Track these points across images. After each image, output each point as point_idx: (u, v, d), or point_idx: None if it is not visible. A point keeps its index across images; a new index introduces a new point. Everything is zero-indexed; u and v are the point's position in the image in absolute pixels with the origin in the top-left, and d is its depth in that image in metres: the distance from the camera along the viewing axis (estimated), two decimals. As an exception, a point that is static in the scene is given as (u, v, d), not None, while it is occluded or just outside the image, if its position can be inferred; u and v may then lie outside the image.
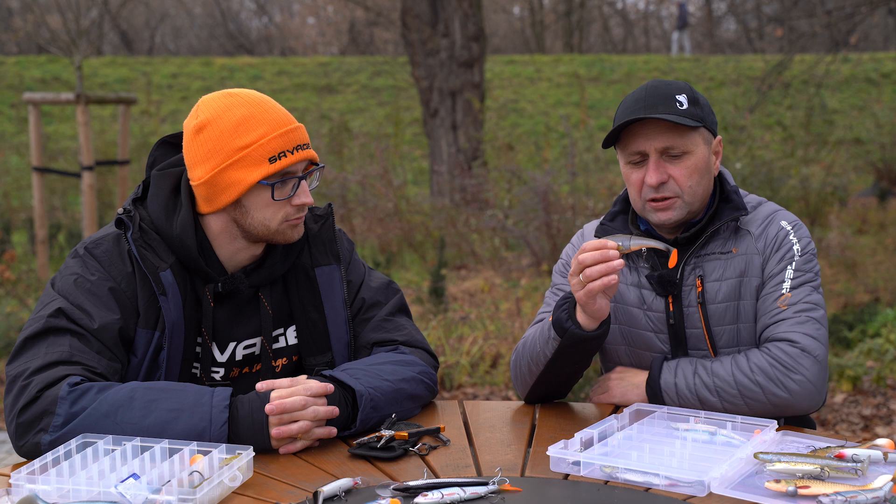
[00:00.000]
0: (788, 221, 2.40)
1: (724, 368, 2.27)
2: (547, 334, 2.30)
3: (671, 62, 20.70)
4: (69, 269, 2.17)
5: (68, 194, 12.07)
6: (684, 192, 2.32)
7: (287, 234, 2.23)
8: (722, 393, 2.24)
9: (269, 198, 2.17)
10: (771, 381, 2.21)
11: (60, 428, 1.98)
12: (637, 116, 2.27)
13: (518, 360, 2.43)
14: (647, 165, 2.32)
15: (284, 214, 2.20)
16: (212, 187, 2.17)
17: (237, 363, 2.29)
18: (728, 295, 2.35)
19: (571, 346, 2.27)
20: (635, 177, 2.34)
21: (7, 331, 6.51)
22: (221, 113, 2.17)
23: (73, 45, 8.91)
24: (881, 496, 1.73)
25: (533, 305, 7.00)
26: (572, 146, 10.14)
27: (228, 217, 2.21)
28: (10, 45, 25.77)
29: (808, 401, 2.22)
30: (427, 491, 1.77)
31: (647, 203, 2.35)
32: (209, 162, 2.16)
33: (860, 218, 10.71)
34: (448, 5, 11.31)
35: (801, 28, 13.23)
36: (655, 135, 2.29)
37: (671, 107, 2.28)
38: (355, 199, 10.27)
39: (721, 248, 2.37)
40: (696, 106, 2.32)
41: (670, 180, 2.31)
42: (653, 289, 2.39)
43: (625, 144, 2.34)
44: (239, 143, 2.14)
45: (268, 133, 2.15)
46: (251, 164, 2.14)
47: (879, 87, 18.57)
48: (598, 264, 2.14)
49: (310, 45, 30.26)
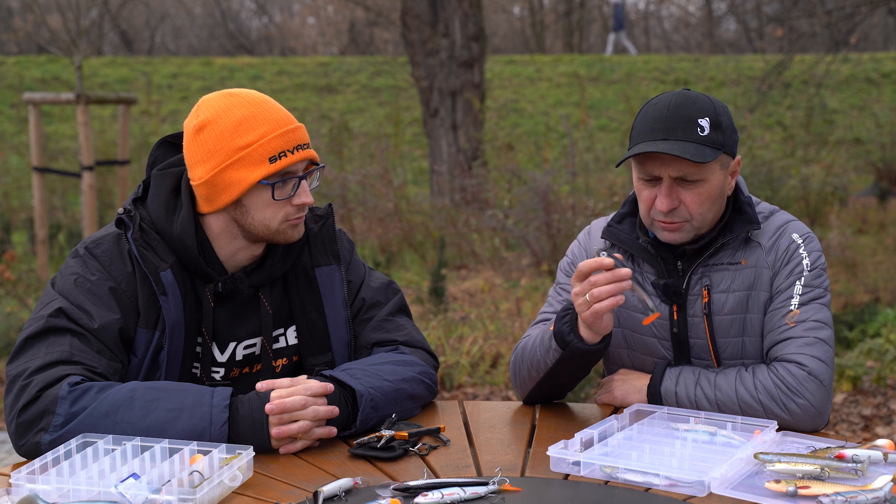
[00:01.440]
0: (800, 234, 2.35)
1: (728, 382, 2.24)
2: (548, 344, 2.27)
3: (671, 62, 20.69)
4: (69, 268, 2.17)
5: (68, 194, 12.07)
6: (693, 218, 2.27)
7: (287, 233, 2.23)
8: (721, 406, 2.23)
9: (270, 197, 2.17)
10: (773, 402, 2.19)
11: (60, 427, 1.98)
12: (655, 149, 2.19)
13: (518, 363, 2.42)
14: (660, 188, 2.26)
15: (285, 214, 2.19)
16: (212, 187, 2.17)
17: (237, 363, 2.29)
18: (735, 307, 2.31)
19: (572, 358, 2.25)
20: (646, 194, 2.29)
21: (7, 331, 6.51)
22: (222, 113, 2.17)
23: (73, 45, 8.91)
24: (881, 496, 1.73)
25: (533, 305, 7.00)
26: (572, 146, 10.13)
27: (229, 217, 2.20)
28: (10, 45, 25.77)
29: (809, 423, 2.20)
30: (427, 491, 1.78)
31: (655, 221, 2.31)
32: (209, 161, 2.16)
33: (860, 218, 10.71)
34: (448, 5, 11.31)
35: (801, 28, 13.23)
36: (671, 161, 2.22)
37: (692, 133, 2.21)
38: (355, 199, 10.27)
39: (730, 258, 2.33)
40: (718, 130, 2.24)
41: (681, 206, 2.26)
42: (657, 295, 2.36)
43: (639, 161, 2.28)
44: (239, 142, 2.14)
45: (268, 133, 2.15)
46: (251, 163, 2.14)
47: (879, 87, 18.56)
48: (607, 284, 2.11)
49: (310, 45, 30.25)
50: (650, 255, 2.37)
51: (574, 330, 2.21)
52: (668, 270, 2.36)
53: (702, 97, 2.28)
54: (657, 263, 2.36)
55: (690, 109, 2.24)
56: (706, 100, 2.28)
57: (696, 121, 2.22)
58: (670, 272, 2.36)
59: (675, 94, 2.30)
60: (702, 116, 2.23)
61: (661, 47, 30.56)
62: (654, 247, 2.37)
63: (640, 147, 2.23)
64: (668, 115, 2.23)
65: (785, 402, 2.19)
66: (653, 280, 2.37)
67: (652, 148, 2.20)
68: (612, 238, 2.43)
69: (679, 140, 2.21)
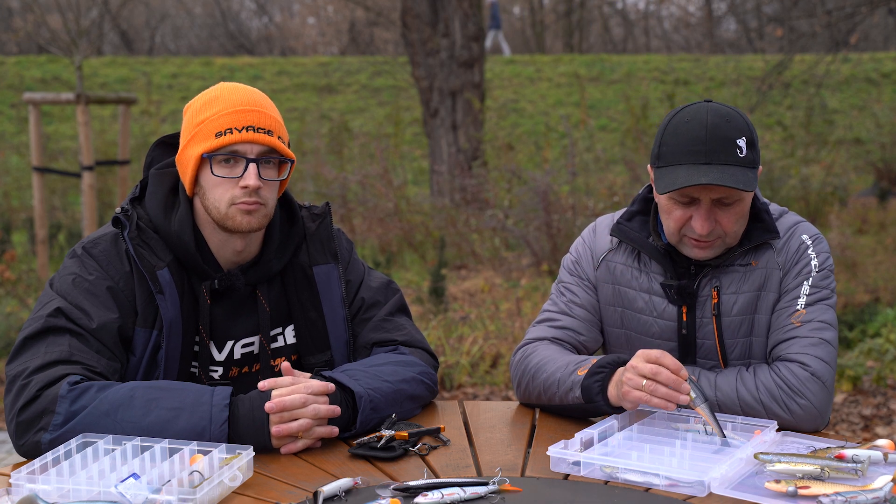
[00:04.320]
0: (809, 235, 2.34)
1: (728, 383, 2.23)
2: (570, 387, 2.23)
3: (671, 62, 20.69)
4: (67, 269, 2.17)
5: (68, 194, 12.07)
6: (727, 235, 2.25)
7: (237, 219, 2.17)
8: (722, 406, 2.22)
9: (214, 176, 2.17)
10: (774, 402, 2.19)
11: (60, 427, 1.98)
12: (706, 180, 2.13)
13: (526, 377, 2.37)
14: (697, 210, 2.21)
15: (231, 196, 2.17)
16: (180, 165, 2.23)
17: (236, 362, 2.29)
18: (743, 308, 2.31)
19: (591, 410, 2.24)
20: (679, 213, 2.23)
21: (7, 331, 6.51)
22: (200, 96, 2.24)
23: (73, 45, 8.91)
24: (881, 496, 1.73)
25: (533, 305, 7.00)
26: (572, 146, 10.14)
27: (199, 202, 2.23)
28: (10, 45, 25.76)
29: (810, 424, 2.20)
30: (427, 491, 1.78)
31: (685, 238, 2.27)
32: (182, 140, 2.22)
33: (860, 218, 10.70)
34: (448, 5, 11.31)
35: (801, 28, 13.22)
36: (715, 186, 2.17)
37: (732, 155, 2.17)
38: (355, 199, 10.27)
39: (740, 260, 2.32)
40: (753, 149, 2.21)
41: (717, 226, 2.23)
42: (667, 297, 2.35)
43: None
44: (198, 119, 2.19)
45: (222, 111, 2.17)
46: (201, 138, 2.18)
47: (879, 87, 18.56)
48: (667, 387, 2.06)
49: (310, 45, 30.24)
50: (660, 255, 2.34)
51: (603, 391, 2.18)
52: (678, 273, 2.34)
53: (733, 113, 2.23)
54: (667, 264, 2.34)
55: (728, 130, 2.19)
56: (738, 116, 2.23)
57: (735, 142, 2.18)
58: (681, 274, 2.34)
59: (707, 110, 2.23)
60: (739, 137, 2.19)
61: (661, 47, 30.55)
62: (665, 249, 2.35)
63: (686, 175, 2.17)
64: (708, 138, 2.18)
65: (787, 403, 2.18)
66: (661, 281, 2.35)
67: (702, 179, 2.15)
68: (621, 236, 2.40)
69: (721, 164, 2.17)
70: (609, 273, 2.43)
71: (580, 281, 2.47)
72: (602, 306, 2.46)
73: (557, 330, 2.44)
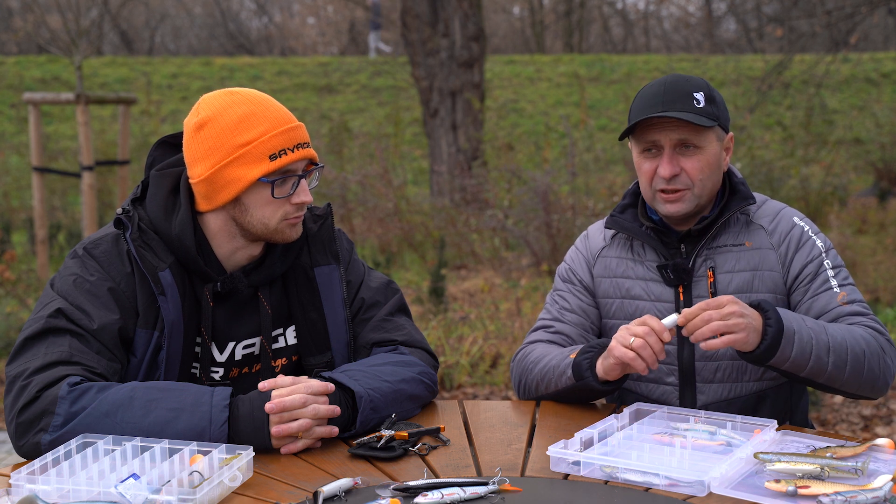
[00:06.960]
0: (799, 217, 2.45)
1: (834, 326, 2.27)
2: (563, 370, 2.33)
3: (671, 62, 20.69)
4: (68, 269, 2.17)
5: (68, 194, 12.08)
6: (695, 185, 2.36)
7: (285, 232, 2.23)
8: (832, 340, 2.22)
9: (269, 195, 2.17)
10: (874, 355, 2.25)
11: (60, 427, 1.97)
12: (654, 114, 2.30)
13: (525, 372, 2.46)
14: (661, 157, 2.36)
15: (283, 213, 2.20)
16: (211, 184, 2.17)
17: (236, 363, 2.29)
18: (740, 287, 2.38)
19: (582, 390, 2.31)
20: (647, 166, 2.38)
21: (7, 331, 6.51)
22: (222, 110, 2.17)
23: (73, 45, 8.91)
24: (881, 496, 1.73)
25: (533, 305, 7.00)
26: (572, 146, 10.14)
27: (227, 215, 2.20)
28: (10, 45, 25.76)
29: (885, 387, 2.30)
30: (427, 491, 1.77)
31: (657, 193, 2.39)
32: (210, 159, 2.16)
33: (860, 218, 10.71)
34: (448, 5, 11.31)
35: (801, 28, 13.23)
36: (671, 128, 2.33)
37: (688, 104, 2.32)
38: (355, 199, 10.27)
39: (733, 240, 2.41)
40: (713, 104, 2.36)
41: (682, 173, 2.35)
42: (663, 279, 2.42)
43: (640, 135, 2.38)
44: (240, 140, 2.14)
45: (269, 130, 2.15)
46: (251, 161, 2.14)
47: (879, 87, 18.57)
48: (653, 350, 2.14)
49: (310, 45, 30.25)
50: (653, 239, 2.45)
51: (592, 367, 2.26)
52: (671, 254, 2.43)
53: (695, 77, 2.39)
54: (660, 247, 2.43)
55: (685, 85, 2.35)
56: (700, 79, 2.39)
57: (692, 94, 2.33)
58: (673, 256, 2.43)
59: (669, 74, 2.43)
60: (696, 91, 2.34)
61: (661, 47, 30.56)
62: (656, 231, 2.45)
63: (640, 115, 2.33)
64: (665, 91, 2.34)
65: (883, 358, 2.26)
66: (657, 263, 2.43)
67: (652, 112, 2.31)
68: (615, 226, 2.50)
69: (677, 111, 2.31)
70: (605, 268, 2.53)
71: (572, 287, 2.57)
72: (601, 301, 2.54)
73: (552, 335, 2.54)
